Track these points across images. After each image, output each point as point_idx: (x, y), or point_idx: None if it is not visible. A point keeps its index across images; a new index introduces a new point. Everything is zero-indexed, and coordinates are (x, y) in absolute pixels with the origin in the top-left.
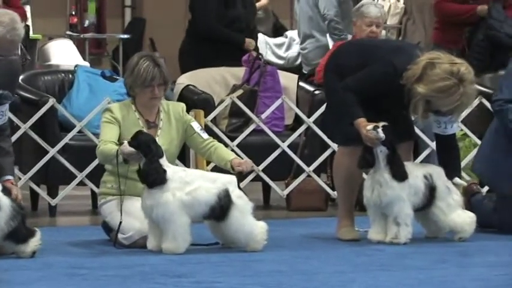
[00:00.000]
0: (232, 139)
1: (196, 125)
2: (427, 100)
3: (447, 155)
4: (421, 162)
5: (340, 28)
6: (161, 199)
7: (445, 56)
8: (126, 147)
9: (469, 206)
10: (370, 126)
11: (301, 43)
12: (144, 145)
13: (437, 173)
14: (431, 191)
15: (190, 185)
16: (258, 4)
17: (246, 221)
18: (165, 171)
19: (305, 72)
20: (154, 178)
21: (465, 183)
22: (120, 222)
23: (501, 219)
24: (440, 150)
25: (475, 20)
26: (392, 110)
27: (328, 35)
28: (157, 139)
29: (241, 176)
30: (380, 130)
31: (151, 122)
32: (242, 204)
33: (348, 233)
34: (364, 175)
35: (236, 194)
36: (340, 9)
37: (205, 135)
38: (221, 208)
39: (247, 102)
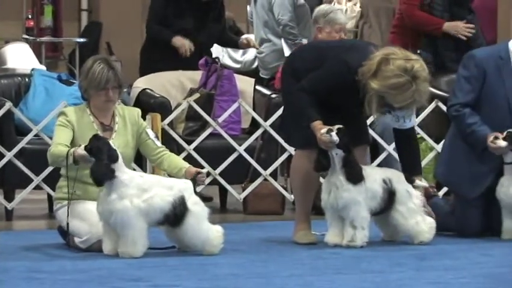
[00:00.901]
0: (189, 143)
1: (150, 132)
2: (380, 96)
3: (407, 149)
4: (378, 165)
5: (294, 33)
6: (119, 206)
7: (401, 52)
8: (80, 150)
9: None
10: (324, 130)
11: (258, 47)
12: (96, 149)
13: (398, 177)
14: (390, 195)
15: (147, 192)
16: None
17: (202, 227)
18: (113, 170)
19: (262, 76)
20: (101, 176)
21: (427, 185)
22: (68, 224)
23: (459, 222)
24: (400, 145)
25: (437, 34)
26: (349, 110)
27: (282, 39)
28: (112, 141)
29: (196, 182)
30: (334, 134)
31: (107, 125)
32: (198, 210)
33: (305, 236)
34: (321, 179)
35: (192, 201)
36: (295, 13)
37: (158, 143)
38: (175, 216)
39: (204, 106)
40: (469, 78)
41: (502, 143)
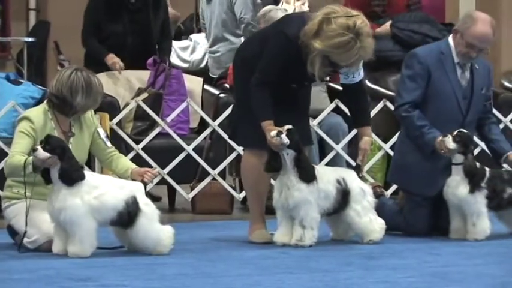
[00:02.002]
0: (138, 142)
1: (102, 132)
2: (324, 55)
3: (358, 102)
4: (326, 164)
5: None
6: (69, 202)
7: (341, 9)
8: (42, 153)
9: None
10: (274, 132)
11: (211, 46)
12: (58, 148)
13: (351, 176)
14: (344, 195)
15: (98, 189)
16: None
17: (153, 228)
18: (82, 167)
19: (214, 76)
20: (75, 176)
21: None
22: (25, 232)
23: (407, 222)
24: (351, 99)
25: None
26: (303, 91)
27: (243, 38)
28: (70, 147)
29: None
30: (284, 136)
31: (67, 132)
32: (149, 211)
33: (260, 235)
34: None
35: (143, 202)
36: (256, 12)
37: (108, 144)
38: (129, 214)
39: (153, 105)
40: (413, 76)
41: (450, 144)
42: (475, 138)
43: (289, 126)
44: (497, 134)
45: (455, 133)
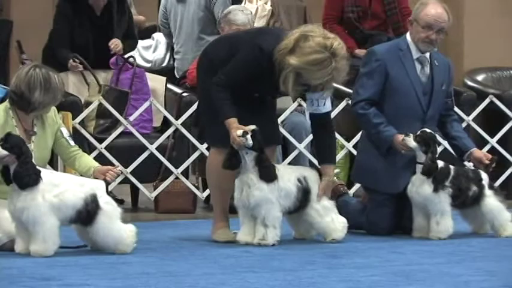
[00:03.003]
0: (100, 141)
1: (65, 131)
2: (298, 73)
3: (323, 137)
4: (289, 164)
5: None
6: (31, 201)
7: (319, 29)
8: (0, 151)
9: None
10: (240, 132)
11: (181, 46)
12: (16, 147)
13: (313, 175)
14: (305, 194)
15: (58, 188)
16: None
17: (114, 226)
18: (39, 171)
19: (178, 76)
20: (28, 180)
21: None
22: None
23: (370, 220)
24: (316, 131)
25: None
26: (264, 103)
27: None
28: (32, 145)
29: (107, 182)
30: (249, 137)
31: (29, 130)
32: (110, 209)
33: (223, 234)
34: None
35: (104, 200)
36: None
37: (72, 143)
38: (88, 213)
39: (117, 103)
40: (371, 73)
41: (412, 143)
42: (438, 137)
43: (254, 127)
44: (459, 131)
45: (418, 133)
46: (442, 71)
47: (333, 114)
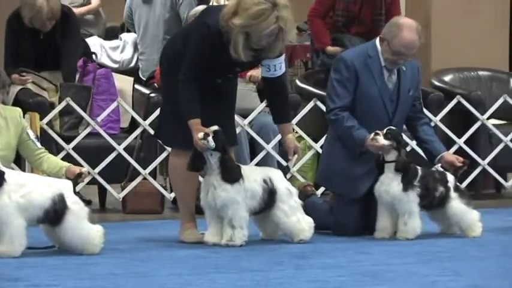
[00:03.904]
0: (68, 141)
1: (31, 133)
2: (245, 33)
3: (279, 98)
4: (258, 164)
5: None
6: None
7: None
8: None
9: (304, 207)
10: (201, 135)
11: (147, 47)
12: None
13: (278, 175)
14: (271, 194)
15: (25, 188)
16: (86, 8)
17: (82, 226)
18: (3, 172)
19: (143, 78)
20: None
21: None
22: None
23: (337, 221)
24: (271, 93)
25: (320, 49)
26: (228, 88)
27: None
28: None
29: (76, 181)
30: (211, 139)
31: None
32: (77, 209)
33: (191, 235)
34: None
35: (72, 200)
36: None
37: (38, 144)
38: (55, 212)
39: (79, 99)
40: (342, 81)
41: (382, 141)
42: (405, 138)
43: (216, 128)
44: (430, 134)
45: (385, 131)
46: (409, 76)
47: (300, 115)
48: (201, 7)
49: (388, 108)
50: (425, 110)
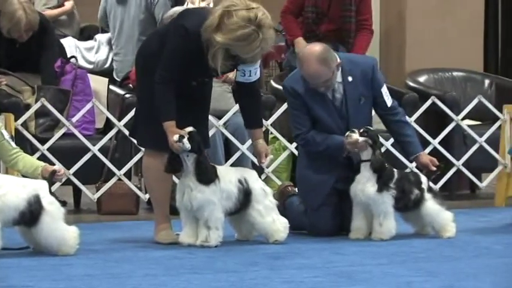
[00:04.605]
0: (43, 142)
1: (5, 133)
2: (226, 48)
3: (252, 102)
4: (233, 165)
5: None
6: None
7: (240, 1)
8: None
9: (283, 208)
10: (176, 137)
11: (122, 48)
12: None
13: (253, 176)
14: (246, 195)
15: (0, 189)
16: (60, 10)
17: (58, 227)
18: None
19: (118, 79)
20: None
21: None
22: None
23: (312, 221)
24: (243, 97)
25: (289, 44)
26: (203, 91)
27: None
28: None
29: (52, 182)
30: (186, 141)
31: None
32: (53, 210)
33: (166, 236)
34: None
35: (47, 200)
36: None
37: (13, 144)
38: (31, 214)
39: (57, 102)
40: (295, 108)
41: (356, 136)
42: (381, 139)
43: (191, 129)
44: (406, 134)
45: (361, 130)
46: (359, 84)
47: (275, 116)
48: (178, 8)
49: (340, 125)
50: None
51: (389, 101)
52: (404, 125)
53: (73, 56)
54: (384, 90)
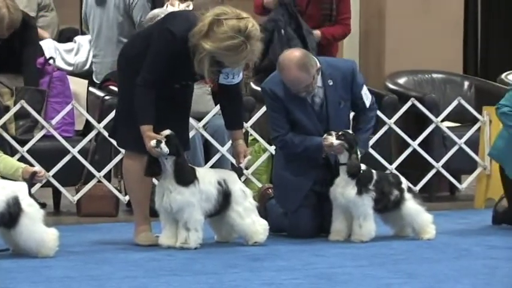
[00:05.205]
0: (23, 144)
1: None
2: (213, 56)
3: (234, 104)
4: (211, 167)
5: None
6: None
7: (231, 10)
8: None
9: (263, 210)
10: (153, 142)
11: (101, 49)
12: None
13: (232, 177)
14: (226, 196)
15: None
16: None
17: (37, 228)
18: None
19: (97, 82)
20: None
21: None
22: None
23: (291, 223)
24: (225, 98)
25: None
26: (185, 94)
27: None
28: None
29: (31, 183)
30: (164, 145)
31: None
32: (32, 212)
33: (146, 237)
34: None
35: (26, 202)
36: None
37: None
38: (10, 215)
39: (34, 103)
40: (274, 110)
41: (332, 139)
42: None
43: (168, 132)
44: (361, 126)
45: (340, 132)
46: (338, 88)
47: (255, 118)
48: (157, 10)
49: (319, 128)
50: (379, 113)
51: (367, 101)
52: (368, 119)
53: (51, 57)
54: (364, 92)
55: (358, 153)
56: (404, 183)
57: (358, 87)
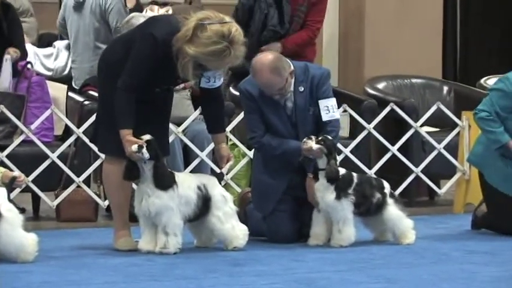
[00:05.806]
0: (1, 149)
1: None
2: (197, 61)
3: (216, 108)
4: (191, 172)
5: None
6: None
7: (215, 15)
8: None
9: (243, 215)
10: (134, 147)
11: (78, 55)
12: None
13: (212, 182)
14: (205, 201)
15: None
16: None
17: (16, 233)
18: None
19: (76, 87)
20: None
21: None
22: None
23: (270, 228)
24: (207, 104)
25: None
26: (165, 98)
27: None
28: None
29: (11, 188)
30: (145, 150)
31: None
32: (12, 217)
33: (125, 242)
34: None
35: (5, 207)
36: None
37: None
38: None
39: (13, 108)
40: (250, 111)
41: (311, 143)
42: (340, 146)
43: (148, 137)
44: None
45: (320, 137)
46: (308, 95)
47: (234, 123)
48: (135, 14)
49: (291, 132)
50: (358, 118)
51: (326, 115)
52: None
53: (29, 62)
54: (326, 103)
55: (337, 158)
56: (387, 187)
57: (320, 95)
